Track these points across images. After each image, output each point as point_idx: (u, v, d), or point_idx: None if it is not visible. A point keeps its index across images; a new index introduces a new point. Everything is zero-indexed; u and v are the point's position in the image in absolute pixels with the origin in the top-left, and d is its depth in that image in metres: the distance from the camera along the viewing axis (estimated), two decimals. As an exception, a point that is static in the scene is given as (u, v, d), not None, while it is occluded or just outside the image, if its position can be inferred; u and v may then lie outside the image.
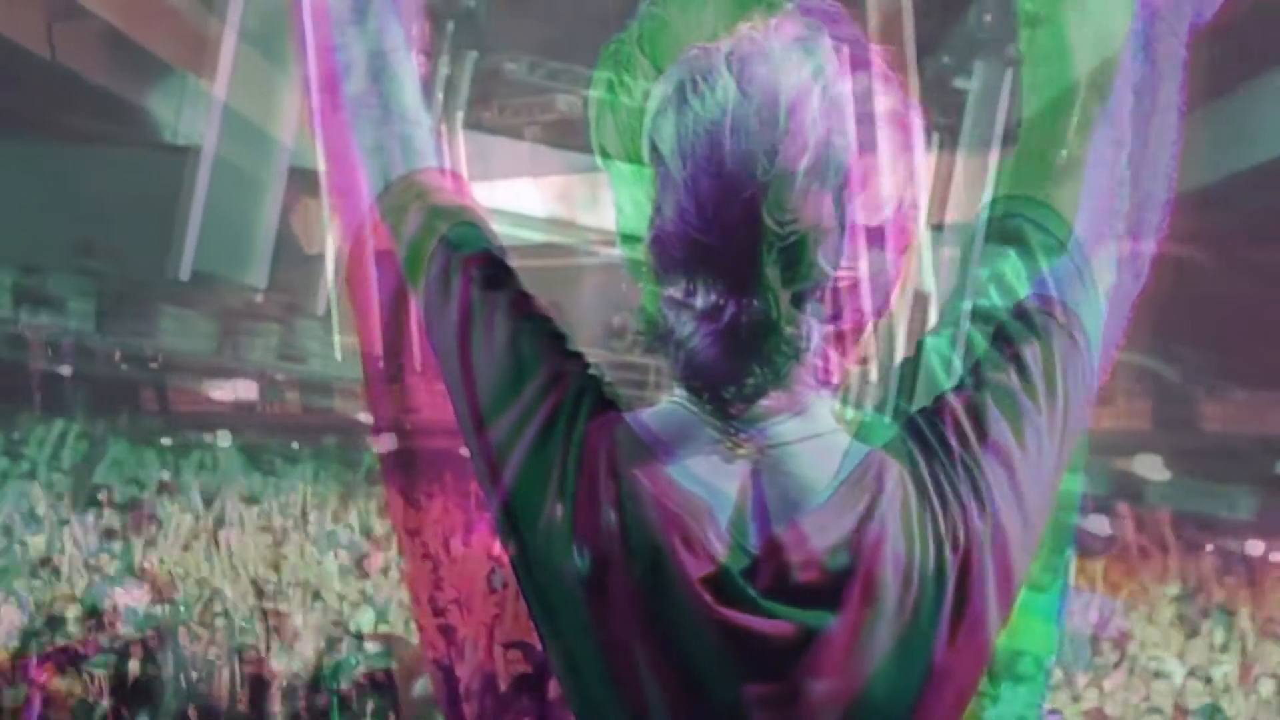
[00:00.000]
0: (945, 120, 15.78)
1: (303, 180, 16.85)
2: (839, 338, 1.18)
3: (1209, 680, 8.04)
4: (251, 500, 13.28)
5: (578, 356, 1.29)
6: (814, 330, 1.16)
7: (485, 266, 1.31)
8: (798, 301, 1.14)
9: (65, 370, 15.89)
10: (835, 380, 1.21)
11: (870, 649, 1.14)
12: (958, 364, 1.23)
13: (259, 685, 8.55)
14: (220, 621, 9.32)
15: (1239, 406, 14.51)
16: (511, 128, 19.07)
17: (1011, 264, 1.24)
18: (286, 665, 8.75)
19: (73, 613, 8.86)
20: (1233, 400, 14.57)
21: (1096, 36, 1.27)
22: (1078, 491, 1.24)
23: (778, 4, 1.17)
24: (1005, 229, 1.26)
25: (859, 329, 1.19)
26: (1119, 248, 1.25)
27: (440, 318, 1.32)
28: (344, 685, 8.50)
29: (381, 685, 8.68)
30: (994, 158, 14.75)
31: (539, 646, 1.24)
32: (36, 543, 10.43)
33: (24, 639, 8.48)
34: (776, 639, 1.14)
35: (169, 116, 16.99)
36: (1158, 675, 7.99)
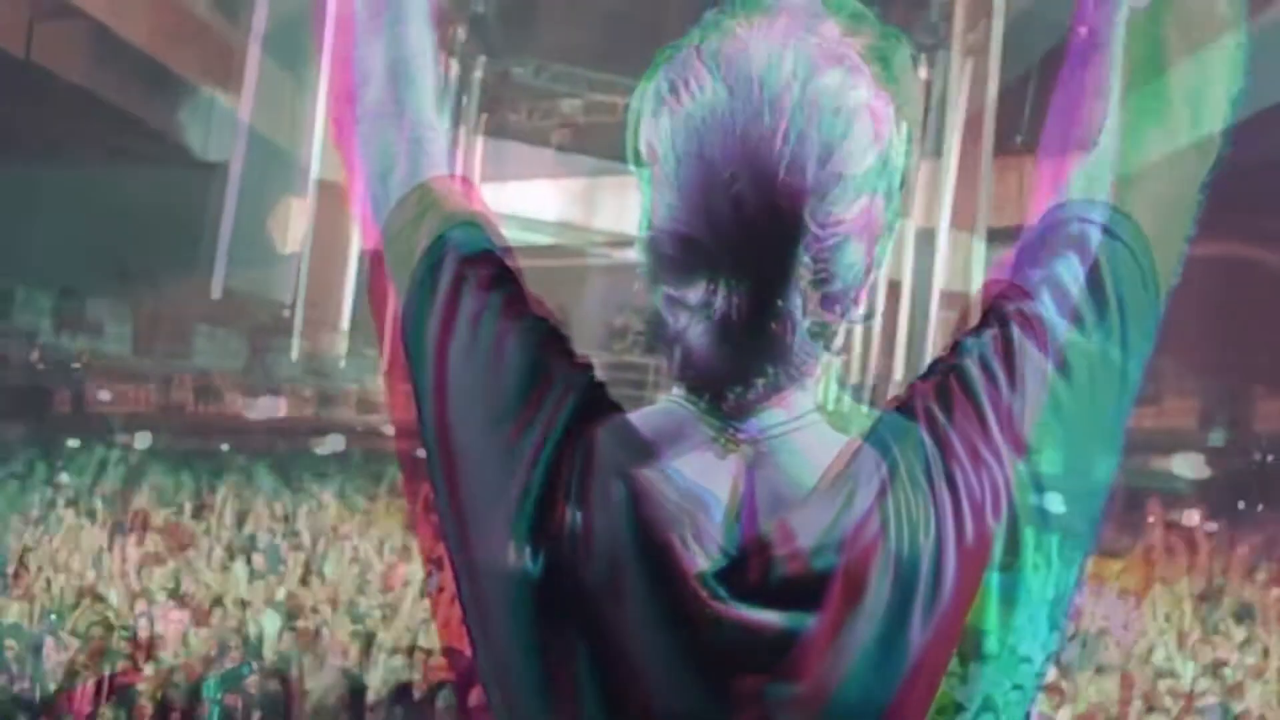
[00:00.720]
0: (932, 40, 16.52)
1: (282, 178, 17.81)
2: (839, 295, 1.20)
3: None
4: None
5: (575, 358, 1.30)
6: (839, 329, 1.21)
7: (483, 267, 1.33)
8: (827, 302, 1.18)
9: (105, 395, 16.81)
10: (818, 372, 1.23)
11: (856, 643, 1.15)
12: (999, 370, 1.23)
13: (126, 695, 8.27)
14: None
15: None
16: (539, 131, 20.75)
17: (1069, 267, 1.24)
18: (319, 682, 8.62)
19: (118, 640, 8.97)
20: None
21: (1193, 38, 1.27)
22: (1039, 472, 1.21)
23: (861, 15, 1.20)
24: (1068, 233, 1.26)
25: (839, 320, 1.22)
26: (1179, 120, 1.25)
27: (425, 315, 1.31)
28: (229, 695, 8.17)
29: (275, 697, 8.31)
30: (955, 148, 15.74)
31: (468, 653, 1.27)
32: (81, 570, 10.61)
33: (70, 671, 8.44)
34: (772, 634, 1.15)
35: (198, 134, 17.91)
36: (1164, 674, 8.19)
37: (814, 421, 1.23)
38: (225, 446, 18.52)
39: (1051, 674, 7.28)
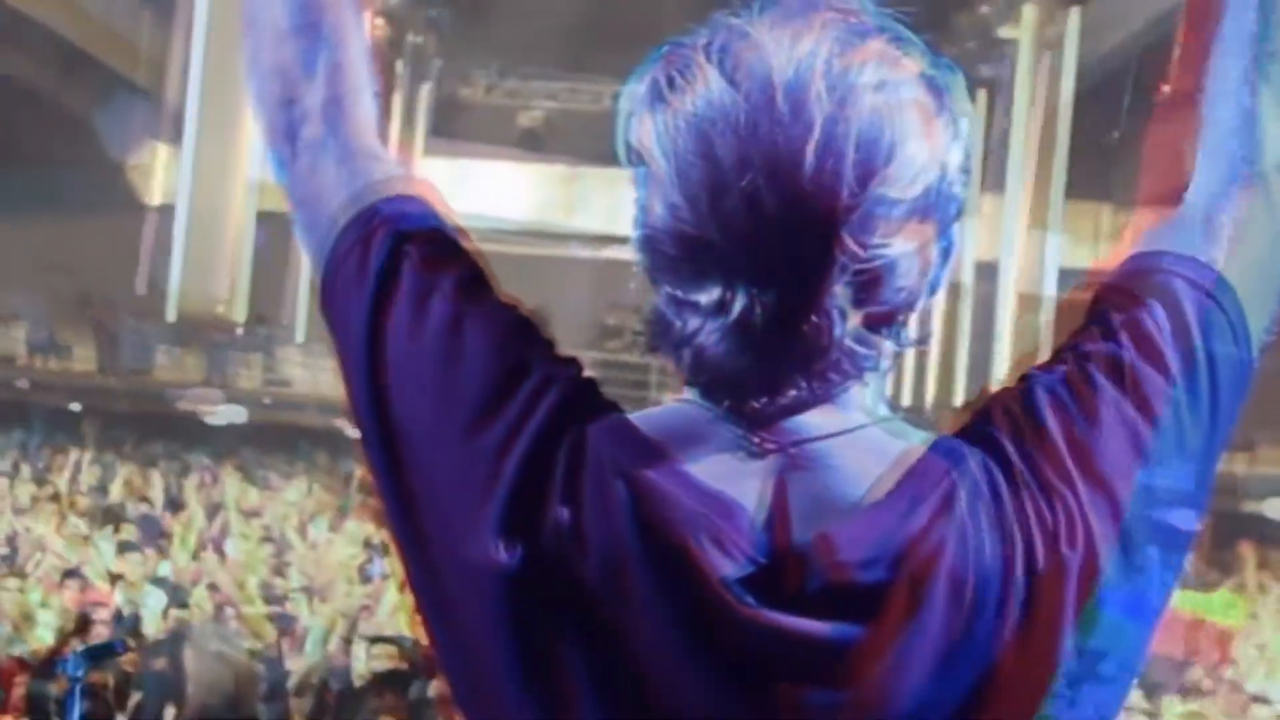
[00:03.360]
0: (992, 73, 18.85)
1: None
2: (885, 319, 1.20)
3: None
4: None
5: (555, 351, 1.29)
6: (887, 351, 1.20)
7: (428, 245, 1.31)
8: (872, 323, 1.18)
9: (76, 407, 19.27)
10: (861, 388, 1.22)
11: (912, 656, 1.15)
12: (1071, 406, 1.22)
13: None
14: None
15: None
16: (502, 133, 22.69)
17: (1153, 314, 1.25)
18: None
19: (101, 615, 8.90)
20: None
21: None
22: (1169, 486, 1.23)
23: (909, 41, 1.19)
24: (1153, 282, 1.28)
25: (886, 342, 1.22)
26: (1274, 189, 1.30)
27: (352, 291, 1.30)
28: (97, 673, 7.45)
29: (161, 678, 7.94)
30: (1065, 111, 17.34)
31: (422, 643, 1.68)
32: (66, 555, 10.82)
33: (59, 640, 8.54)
34: (813, 643, 1.15)
35: (145, 182, 21.66)
36: (1258, 700, 9.05)
37: (858, 433, 1.22)
38: (75, 406, 18.92)
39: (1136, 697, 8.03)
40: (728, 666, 1.15)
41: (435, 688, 7.21)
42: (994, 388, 1.30)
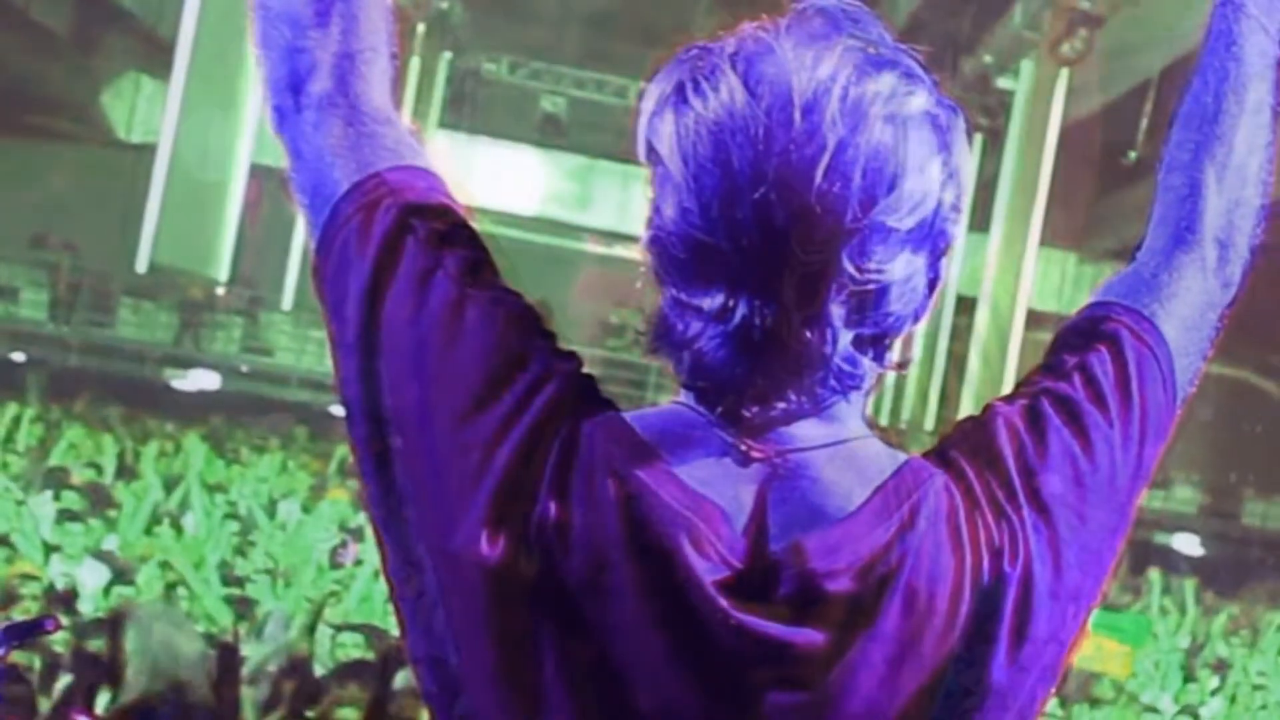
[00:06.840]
0: (989, 122, 22.20)
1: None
2: (872, 341, 1.35)
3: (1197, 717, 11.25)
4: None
5: (557, 344, 1.38)
6: (871, 373, 1.35)
7: (436, 220, 1.38)
8: (860, 344, 1.32)
9: (19, 357, 18.99)
10: (845, 406, 1.36)
11: (864, 662, 1.29)
12: (1025, 437, 1.41)
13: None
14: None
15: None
16: (517, 127, 23.98)
17: (1101, 360, 1.47)
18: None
19: (30, 590, 8.83)
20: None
21: (1228, 190, 1.58)
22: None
23: (917, 76, 1.32)
24: (1102, 330, 1.50)
25: (872, 364, 1.36)
26: (1209, 257, 1.56)
27: (350, 260, 1.37)
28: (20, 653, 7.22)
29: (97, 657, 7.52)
30: (1047, 164, 20.32)
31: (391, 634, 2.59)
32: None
33: None
34: (778, 646, 1.28)
35: (123, 115, 21.45)
36: (1149, 709, 10.83)
37: (858, 434, 1.37)
38: (20, 356, 19.14)
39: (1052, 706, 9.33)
40: (700, 666, 1.27)
41: (403, 680, 7.14)
42: (961, 415, 1.49)
